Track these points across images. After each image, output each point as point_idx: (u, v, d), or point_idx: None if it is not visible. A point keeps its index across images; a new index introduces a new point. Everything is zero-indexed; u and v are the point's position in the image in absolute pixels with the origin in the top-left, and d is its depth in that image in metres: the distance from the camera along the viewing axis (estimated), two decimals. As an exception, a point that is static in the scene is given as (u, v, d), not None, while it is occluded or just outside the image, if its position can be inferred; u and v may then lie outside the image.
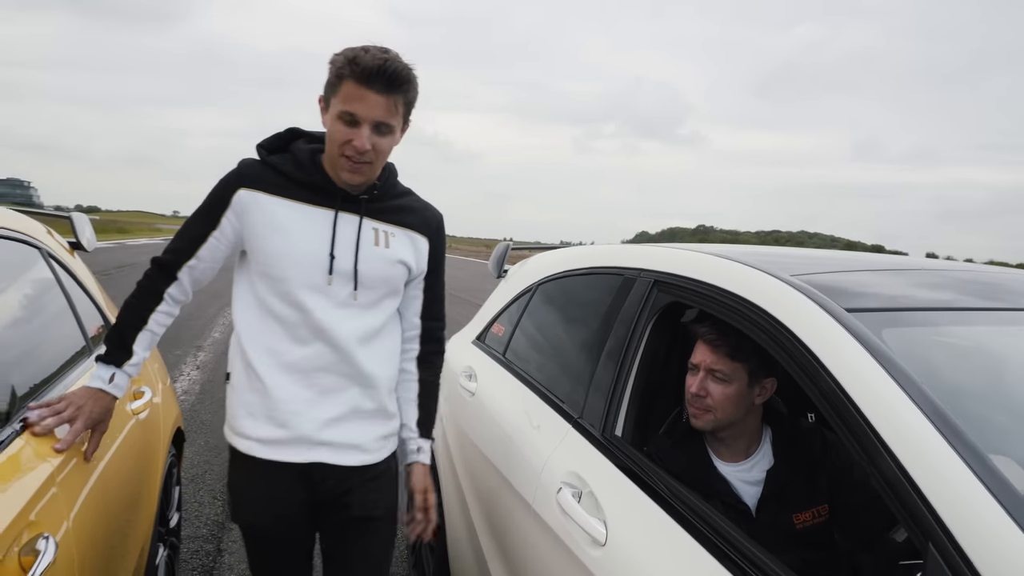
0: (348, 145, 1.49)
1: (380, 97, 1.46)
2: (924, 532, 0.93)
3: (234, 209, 1.58)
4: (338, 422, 1.61)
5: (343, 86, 1.47)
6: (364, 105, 1.46)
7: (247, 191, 1.57)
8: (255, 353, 1.58)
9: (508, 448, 2.05)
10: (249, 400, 1.59)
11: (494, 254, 3.27)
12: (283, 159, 1.60)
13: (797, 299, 1.37)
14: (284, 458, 1.59)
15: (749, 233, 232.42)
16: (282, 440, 1.59)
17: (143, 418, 2.18)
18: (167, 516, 2.56)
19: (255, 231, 1.57)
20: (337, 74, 1.47)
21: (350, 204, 1.60)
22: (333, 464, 1.61)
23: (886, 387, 1.10)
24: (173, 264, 1.62)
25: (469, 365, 2.69)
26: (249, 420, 1.60)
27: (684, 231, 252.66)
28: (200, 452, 4.43)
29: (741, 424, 1.69)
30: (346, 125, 1.48)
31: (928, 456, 0.98)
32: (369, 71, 1.44)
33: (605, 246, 2.35)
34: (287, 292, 1.56)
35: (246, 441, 1.61)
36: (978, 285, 1.64)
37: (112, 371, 1.59)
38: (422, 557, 2.82)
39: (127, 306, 1.63)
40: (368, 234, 1.60)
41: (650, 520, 1.43)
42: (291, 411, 1.57)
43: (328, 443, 1.60)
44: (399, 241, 1.65)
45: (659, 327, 1.81)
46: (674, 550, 1.34)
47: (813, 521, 1.62)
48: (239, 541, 3.30)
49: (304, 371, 1.58)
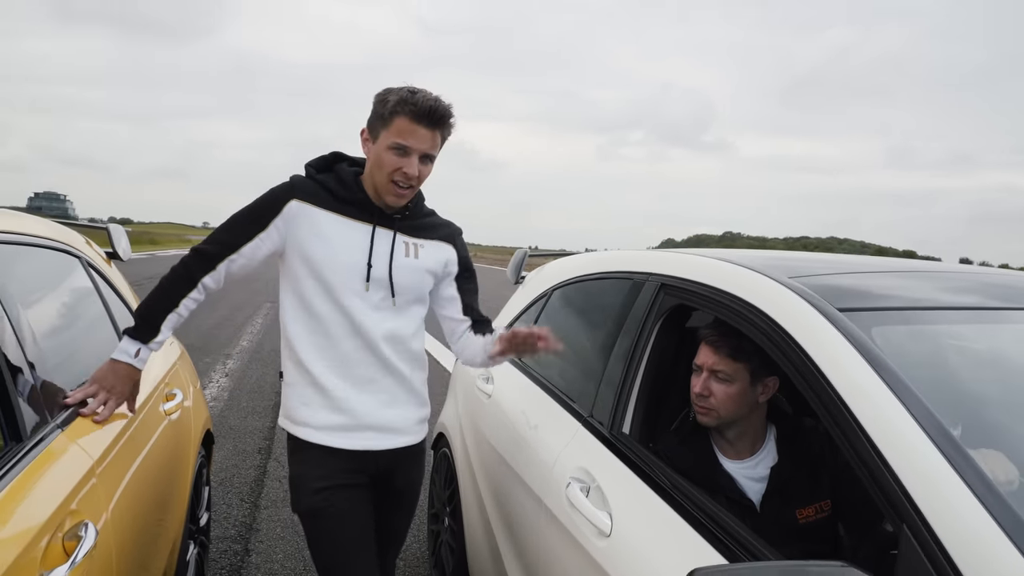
0: (398, 172, 1.71)
1: (428, 132, 1.71)
2: (899, 515, 0.99)
3: (284, 217, 1.76)
4: (381, 408, 1.81)
5: (395, 122, 1.69)
6: (415, 138, 1.70)
7: (298, 202, 1.76)
8: (304, 350, 1.77)
9: (522, 447, 2.13)
10: (302, 392, 1.79)
11: (512, 261, 3.36)
12: (328, 178, 1.80)
13: (792, 300, 1.42)
14: (340, 444, 1.79)
15: (777, 240, 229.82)
16: (336, 426, 1.78)
17: (175, 419, 2.29)
18: (197, 515, 2.67)
19: (301, 236, 1.75)
20: (391, 111, 1.69)
21: (385, 221, 1.81)
22: (382, 448, 1.82)
23: (870, 381, 1.15)
24: (215, 255, 1.78)
25: (486, 368, 2.76)
26: (305, 409, 1.79)
27: (711, 238, 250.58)
28: (228, 456, 4.56)
29: (745, 422, 1.74)
30: (397, 155, 1.70)
31: (904, 443, 1.03)
32: (423, 110, 1.68)
33: (617, 251, 2.43)
34: (330, 294, 1.75)
35: (304, 428, 1.80)
36: (969, 285, 1.69)
37: (139, 346, 1.75)
38: (442, 557, 2.89)
39: (161, 288, 1.77)
40: (400, 247, 1.82)
41: (653, 512, 1.49)
42: (340, 398, 1.78)
43: (375, 427, 1.81)
44: (427, 252, 1.87)
45: (666, 328, 1.88)
46: (676, 541, 1.40)
47: (816, 516, 1.66)
48: (266, 542, 3.40)
49: (346, 364, 1.78)
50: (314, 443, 1.79)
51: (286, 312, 1.81)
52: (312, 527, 1.83)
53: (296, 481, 1.83)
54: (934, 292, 1.60)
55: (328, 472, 1.79)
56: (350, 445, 1.79)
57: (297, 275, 1.78)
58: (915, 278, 1.74)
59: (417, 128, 1.69)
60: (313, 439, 1.79)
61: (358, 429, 1.80)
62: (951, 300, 1.53)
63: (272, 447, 4.81)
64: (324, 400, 1.78)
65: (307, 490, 1.80)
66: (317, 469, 1.79)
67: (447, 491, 2.88)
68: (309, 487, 1.79)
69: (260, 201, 1.79)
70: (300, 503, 1.82)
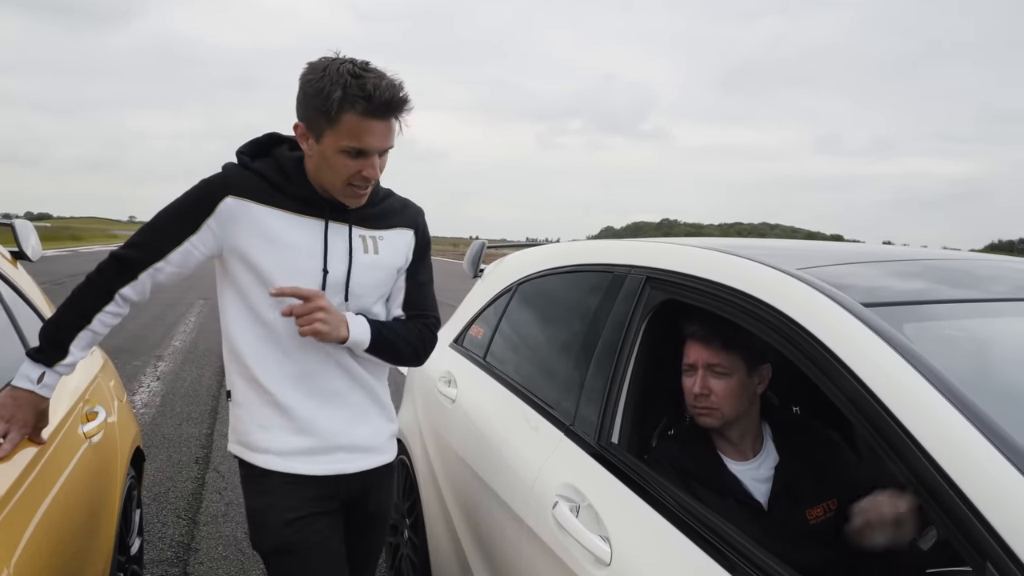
0: (357, 176, 1.46)
1: (384, 124, 1.43)
2: (979, 550, 0.85)
3: (218, 217, 1.50)
4: (350, 425, 1.61)
5: (344, 120, 1.40)
6: (372, 137, 1.42)
7: (235, 199, 1.49)
8: (257, 365, 1.54)
9: (495, 459, 1.94)
10: (258, 413, 1.56)
11: (469, 253, 3.15)
12: (267, 166, 1.53)
13: (808, 294, 1.28)
14: (309, 471, 1.57)
15: (712, 226, 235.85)
16: (302, 450, 1.57)
17: (97, 441, 2.01)
18: (127, 543, 2.38)
19: (243, 241, 1.50)
20: (337, 107, 1.38)
21: (338, 213, 1.56)
22: (355, 471, 1.62)
23: (920, 389, 1.01)
24: (137, 262, 1.50)
25: (447, 370, 2.56)
26: (263, 433, 1.56)
27: (648, 225, 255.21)
28: (163, 468, 4.22)
29: (746, 418, 1.63)
30: (351, 158, 1.44)
31: (975, 463, 0.89)
32: (371, 101, 1.38)
33: (591, 242, 2.25)
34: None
35: (264, 456, 1.57)
36: (998, 276, 1.58)
37: (42, 370, 1.46)
38: (402, 571, 2.69)
39: (71, 301, 1.50)
40: (358, 243, 1.58)
41: (658, 535, 1.33)
42: (305, 417, 1.56)
43: (347, 447, 1.61)
44: (387, 244, 1.63)
45: (653, 326, 1.72)
46: (685, 567, 1.25)
47: (825, 516, 1.57)
48: (207, 563, 3.13)
49: (308, 377, 1.56)
50: (276, 471, 1.56)
51: (231, 322, 1.56)
52: (280, 565, 1.59)
53: (258, 516, 1.59)
54: (959, 284, 1.48)
55: (297, 503, 1.56)
56: (320, 471, 1.58)
57: (241, 282, 1.53)
58: (919, 267, 1.63)
59: (373, 124, 1.40)
60: (276, 467, 1.56)
61: (327, 451, 1.58)
62: (986, 292, 1.41)
63: (210, 456, 4.48)
64: (286, 421, 1.55)
65: (273, 524, 1.55)
66: (284, 500, 1.56)
67: (407, 502, 2.67)
68: (276, 520, 1.55)
69: (189, 198, 1.52)
70: (264, 540, 1.58)
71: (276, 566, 1.59)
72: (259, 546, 1.59)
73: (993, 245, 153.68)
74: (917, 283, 1.49)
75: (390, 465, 1.74)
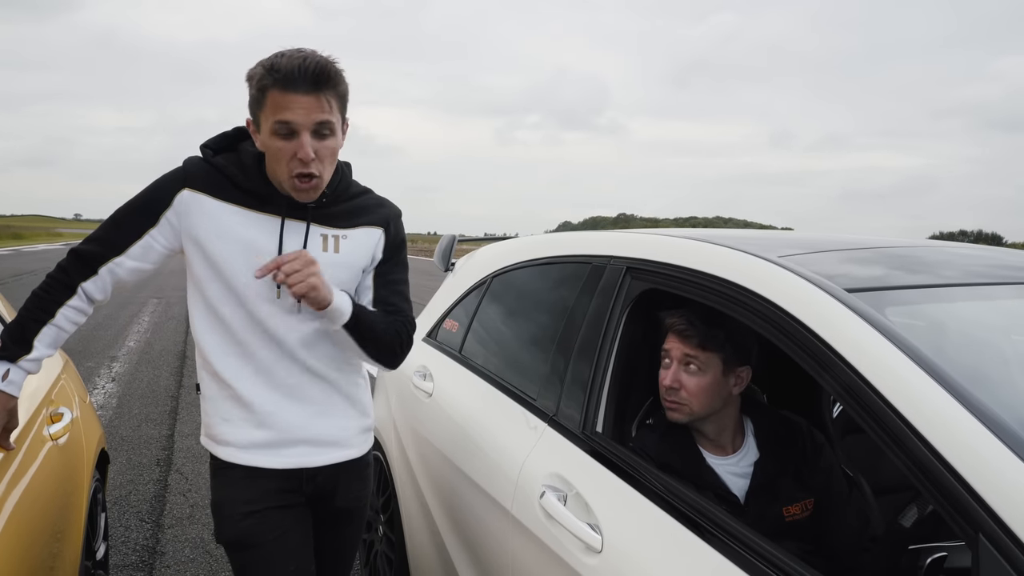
0: (293, 160, 1.41)
1: (310, 98, 1.38)
2: (972, 523, 0.88)
3: (175, 209, 1.49)
4: (312, 419, 1.59)
5: (268, 98, 1.38)
6: (296, 110, 1.38)
7: (191, 192, 1.48)
8: (219, 360, 1.54)
9: (477, 451, 1.93)
10: (223, 407, 1.56)
11: (440, 247, 3.12)
12: (229, 160, 1.51)
13: (793, 281, 1.30)
14: (267, 464, 1.56)
15: (668, 220, 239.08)
16: (261, 443, 1.56)
17: (63, 443, 1.94)
18: (93, 548, 2.31)
19: (199, 235, 1.49)
20: (259, 87, 1.39)
21: (296, 211, 1.52)
22: (318, 465, 1.60)
23: (906, 368, 1.04)
24: (96, 257, 1.48)
25: (423, 364, 2.54)
26: (226, 426, 1.56)
27: (606, 219, 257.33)
28: (123, 471, 4.10)
29: (720, 416, 1.64)
30: (283, 139, 1.40)
31: (969, 444, 0.92)
32: (291, 73, 1.36)
33: (567, 233, 2.26)
34: (238, 299, 1.51)
35: (225, 448, 1.57)
36: (972, 262, 1.63)
37: (6, 367, 1.43)
38: (378, 568, 2.66)
39: (33, 297, 1.47)
40: (316, 241, 1.53)
41: (647, 520, 1.34)
42: (266, 411, 1.55)
43: (308, 441, 1.59)
44: (350, 243, 1.58)
45: (634, 316, 1.73)
46: (678, 549, 1.26)
47: (802, 514, 1.59)
48: (174, 566, 3.05)
49: (268, 372, 1.55)
50: (237, 463, 1.56)
51: (195, 317, 1.56)
52: (239, 559, 1.59)
53: (219, 507, 1.59)
54: (934, 268, 1.53)
55: (256, 495, 1.56)
56: (279, 464, 1.57)
57: (200, 277, 1.52)
58: (877, 255, 1.67)
59: (295, 97, 1.36)
60: (236, 459, 1.56)
61: (287, 444, 1.57)
62: (961, 277, 1.46)
63: (172, 458, 4.37)
64: (246, 414, 1.55)
65: (232, 516, 1.56)
66: (243, 492, 1.56)
67: (381, 498, 2.64)
68: (234, 513, 1.56)
69: (148, 191, 1.51)
70: (224, 532, 1.58)
71: (235, 559, 1.60)
72: (219, 538, 1.60)
73: (936, 236, 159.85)
74: (886, 270, 1.53)
75: (362, 460, 1.71)
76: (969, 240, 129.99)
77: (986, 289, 1.43)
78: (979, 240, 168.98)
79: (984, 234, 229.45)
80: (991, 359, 1.24)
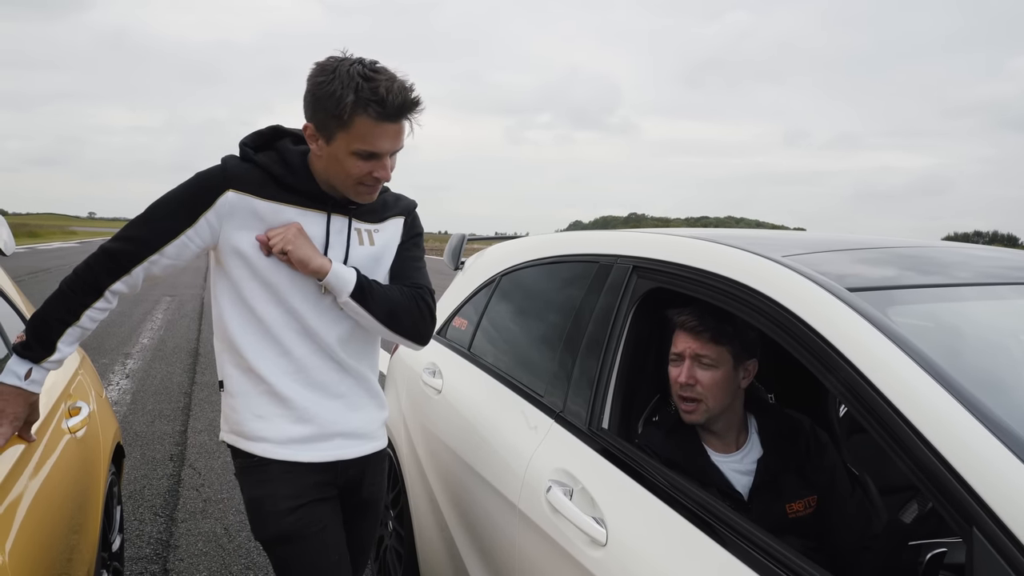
0: (369, 176, 1.49)
1: (397, 126, 1.45)
2: (967, 517, 0.89)
3: (218, 211, 1.49)
4: (348, 413, 1.64)
5: (357, 123, 1.41)
6: (384, 141, 1.44)
7: (236, 194, 1.49)
8: (254, 356, 1.55)
9: (485, 447, 1.96)
10: (254, 403, 1.57)
11: (449, 246, 3.16)
12: (271, 159, 1.53)
13: (796, 280, 1.32)
14: (310, 458, 1.59)
15: (679, 220, 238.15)
16: (302, 438, 1.58)
17: (81, 436, 1.99)
18: (109, 540, 2.36)
19: (242, 235, 1.50)
20: (351, 111, 1.39)
21: (339, 207, 1.58)
22: (353, 457, 1.65)
23: (905, 366, 1.06)
24: (130, 256, 1.48)
25: (432, 361, 2.57)
26: (260, 422, 1.57)
27: (616, 219, 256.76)
28: (137, 466, 4.16)
29: (730, 412, 1.66)
30: (363, 160, 1.46)
31: (963, 440, 0.94)
32: (392, 109, 1.41)
33: (574, 233, 2.28)
34: (277, 297, 1.54)
35: (261, 444, 1.58)
36: (963, 263, 1.64)
37: (29, 367, 1.45)
38: (387, 563, 2.70)
39: (59, 295, 1.46)
40: (355, 236, 1.61)
41: (651, 515, 1.37)
42: (304, 407, 1.58)
43: (344, 434, 1.63)
44: (383, 235, 1.66)
45: (640, 314, 1.75)
46: (682, 544, 1.28)
47: (805, 511, 1.61)
48: (187, 559, 3.10)
49: (304, 370, 1.58)
50: (276, 459, 1.57)
51: (225, 313, 1.57)
52: (283, 553, 1.59)
53: (258, 504, 1.59)
54: (937, 269, 1.54)
55: (298, 490, 1.58)
56: (319, 457, 1.60)
57: (236, 275, 1.53)
58: (898, 254, 1.69)
59: (386, 127, 1.42)
60: (275, 455, 1.57)
61: (327, 438, 1.61)
62: (965, 277, 1.47)
63: (185, 453, 4.43)
64: (284, 410, 1.57)
65: (275, 512, 1.56)
66: (285, 487, 1.57)
67: (391, 493, 2.68)
68: (278, 509, 1.56)
69: (185, 191, 1.50)
70: (267, 528, 1.58)
71: (279, 554, 1.59)
72: (261, 535, 1.59)
73: (949, 237, 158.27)
74: (892, 270, 1.55)
75: (383, 452, 1.77)
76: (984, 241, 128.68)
77: (992, 289, 1.44)
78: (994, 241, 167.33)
79: (1000, 235, 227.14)
80: (994, 359, 1.25)
